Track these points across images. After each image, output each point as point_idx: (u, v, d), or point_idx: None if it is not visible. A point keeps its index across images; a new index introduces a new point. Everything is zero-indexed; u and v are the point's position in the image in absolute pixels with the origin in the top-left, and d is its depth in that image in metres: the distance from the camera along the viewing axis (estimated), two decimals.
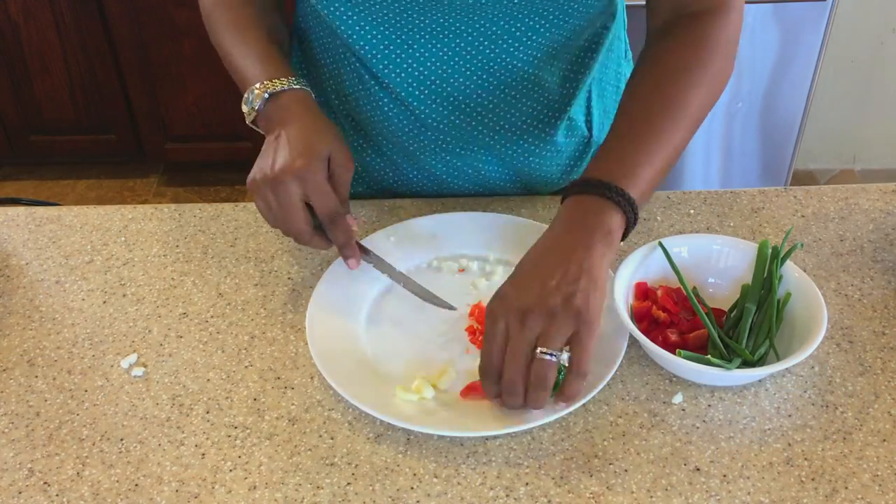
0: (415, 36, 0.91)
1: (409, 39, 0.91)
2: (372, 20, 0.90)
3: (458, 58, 0.92)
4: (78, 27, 2.51)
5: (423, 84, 0.94)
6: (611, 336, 0.81)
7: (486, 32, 0.90)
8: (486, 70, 0.93)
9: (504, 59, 0.92)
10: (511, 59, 0.92)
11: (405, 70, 0.93)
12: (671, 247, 0.87)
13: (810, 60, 2.09)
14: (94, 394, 0.80)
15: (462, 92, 0.95)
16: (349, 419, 0.77)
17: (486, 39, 0.90)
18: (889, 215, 1.01)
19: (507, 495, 0.70)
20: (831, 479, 0.71)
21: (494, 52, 0.92)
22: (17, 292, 0.93)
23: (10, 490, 0.72)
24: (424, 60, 0.92)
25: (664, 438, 0.75)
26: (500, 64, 0.93)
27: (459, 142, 1.00)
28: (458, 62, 0.92)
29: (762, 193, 1.04)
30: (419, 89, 0.95)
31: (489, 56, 0.92)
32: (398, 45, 0.92)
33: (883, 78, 2.58)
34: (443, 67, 0.93)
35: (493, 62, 0.92)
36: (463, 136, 0.99)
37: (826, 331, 0.77)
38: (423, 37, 0.90)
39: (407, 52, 0.92)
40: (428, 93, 0.95)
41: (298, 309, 0.88)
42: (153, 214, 1.03)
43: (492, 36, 0.90)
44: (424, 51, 0.91)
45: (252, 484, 0.72)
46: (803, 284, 0.82)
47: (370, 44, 0.92)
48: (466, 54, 0.92)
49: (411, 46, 0.91)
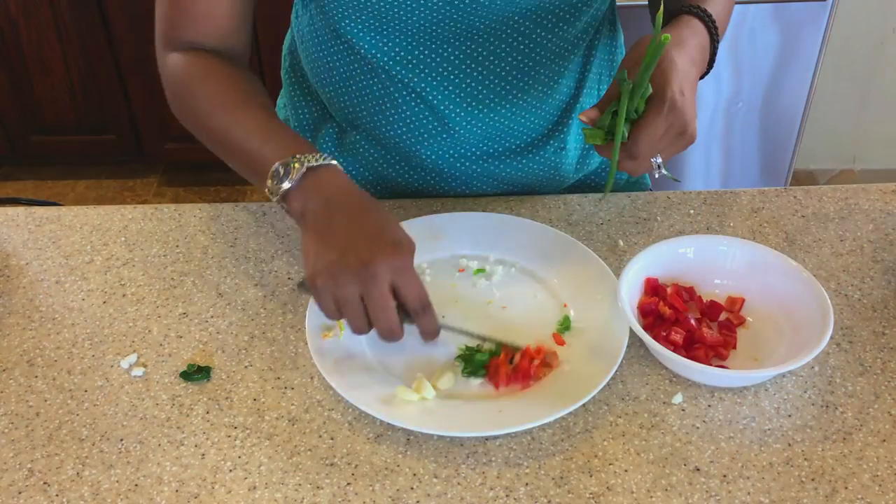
0: (448, 41, 0.92)
1: (442, 46, 0.93)
2: (398, 32, 0.92)
3: (492, 56, 0.93)
4: (78, 27, 2.51)
5: (453, 85, 0.95)
6: (612, 335, 0.81)
7: (518, 28, 0.92)
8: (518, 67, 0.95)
9: (537, 53, 0.94)
10: (542, 51, 0.94)
11: (440, 74, 0.94)
12: (677, 247, 0.87)
13: (810, 60, 2.10)
14: (94, 394, 0.80)
15: (491, 99, 0.96)
16: (349, 419, 0.77)
17: (519, 35, 0.93)
18: (889, 215, 1.01)
19: (507, 495, 0.70)
20: (831, 479, 0.71)
21: (528, 48, 0.93)
22: (17, 292, 0.93)
23: (10, 490, 0.72)
24: (458, 63, 0.94)
25: (664, 438, 0.75)
26: (532, 58, 0.95)
27: (483, 147, 1.00)
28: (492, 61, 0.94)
29: (762, 193, 1.04)
30: (450, 90, 0.95)
31: (522, 52, 0.94)
32: (431, 52, 0.93)
33: (883, 78, 2.58)
34: (476, 68, 0.94)
35: (526, 57, 0.94)
36: (487, 144, 1.00)
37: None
38: (458, 40, 0.92)
39: (442, 56, 0.93)
40: (459, 101, 0.96)
41: (298, 309, 0.88)
42: (153, 214, 1.03)
43: (524, 31, 0.92)
44: (458, 53, 0.93)
45: (252, 484, 0.72)
46: (810, 286, 0.82)
47: (403, 51, 0.93)
48: (500, 52, 0.93)
49: (445, 52, 0.93)
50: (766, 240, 0.97)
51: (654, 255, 0.87)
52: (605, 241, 0.97)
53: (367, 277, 0.72)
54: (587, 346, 0.82)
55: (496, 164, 1.02)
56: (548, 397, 0.77)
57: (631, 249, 0.95)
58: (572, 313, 0.86)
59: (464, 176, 1.03)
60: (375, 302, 0.73)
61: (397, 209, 1.02)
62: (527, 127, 0.99)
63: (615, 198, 1.03)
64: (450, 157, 1.01)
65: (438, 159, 1.01)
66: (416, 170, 1.04)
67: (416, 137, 0.99)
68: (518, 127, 0.99)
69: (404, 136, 0.99)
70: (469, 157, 1.01)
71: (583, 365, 0.80)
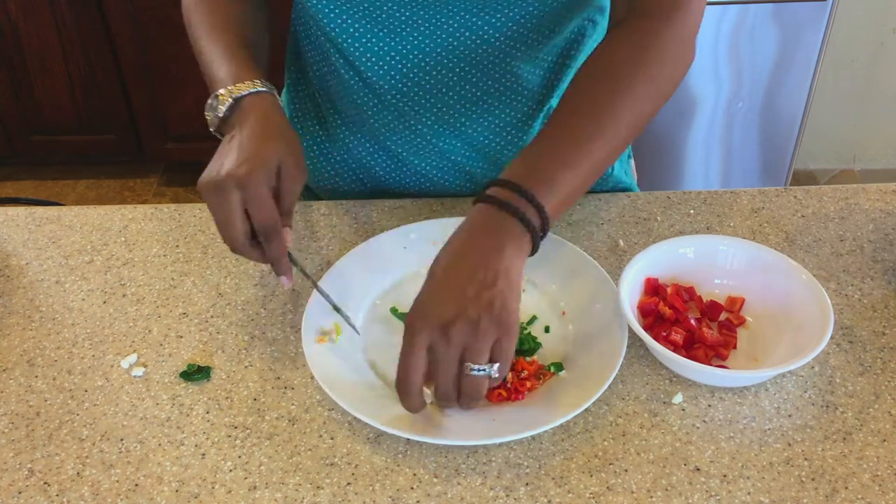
0: (396, 29, 0.91)
1: (391, 33, 0.91)
2: (353, 13, 0.90)
3: (440, 49, 0.92)
4: (78, 27, 2.51)
5: (405, 77, 0.94)
6: (611, 335, 0.81)
7: (466, 24, 0.90)
8: (467, 62, 0.93)
9: (484, 49, 0.92)
10: (490, 48, 0.92)
11: (388, 63, 0.93)
12: (677, 247, 0.87)
13: (810, 60, 2.10)
14: (94, 394, 0.80)
15: (444, 84, 0.95)
16: (349, 419, 0.77)
17: (473, 34, 0.91)
18: (889, 215, 1.01)
19: (507, 495, 0.70)
20: (831, 479, 0.71)
21: (475, 43, 0.91)
22: (17, 292, 0.93)
23: (10, 490, 0.72)
24: (407, 53, 0.92)
25: (664, 438, 0.75)
26: (479, 55, 0.92)
27: (443, 136, 0.99)
28: (439, 53, 0.92)
29: (762, 193, 1.04)
30: (402, 82, 0.94)
31: (469, 47, 0.92)
32: (380, 38, 0.91)
33: (883, 78, 2.58)
34: (425, 60, 0.93)
35: (474, 52, 0.92)
36: (446, 131, 0.99)
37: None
38: (405, 30, 0.91)
39: (389, 45, 0.92)
40: (410, 84, 0.95)
41: (298, 309, 0.88)
42: (153, 214, 1.03)
43: (471, 27, 0.90)
44: (406, 43, 0.91)
45: (252, 484, 0.72)
46: (811, 286, 0.82)
47: (352, 37, 0.92)
48: (448, 45, 0.92)
49: (393, 39, 0.91)
50: (766, 240, 0.97)
51: (654, 255, 0.87)
52: (605, 241, 0.97)
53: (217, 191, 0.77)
54: (587, 346, 0.82)
55: (462, 153, 1.01)
56: (548, 402, 0.76)
57: (631, 249, 0.95)
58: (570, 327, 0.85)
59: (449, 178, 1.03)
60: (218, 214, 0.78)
61: (398, 209, 1.02)
62: (489, 112, 0.98)
63: (615, 198, 1.03)
64: (431, 161, 1.01)
65: (421, 161, 1.01)
66: (394, 161, 1.04)
67: (376, 129, 1.00)
68: (479, 128, 0.99)
69: (384, 137, 1.00)
70: (448, 164, 1.01)
71: (583, 366, 0.80)
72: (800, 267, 0.84)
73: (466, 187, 1.06)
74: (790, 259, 0.85)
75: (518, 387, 0.78)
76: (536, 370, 0.80)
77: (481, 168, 1.03)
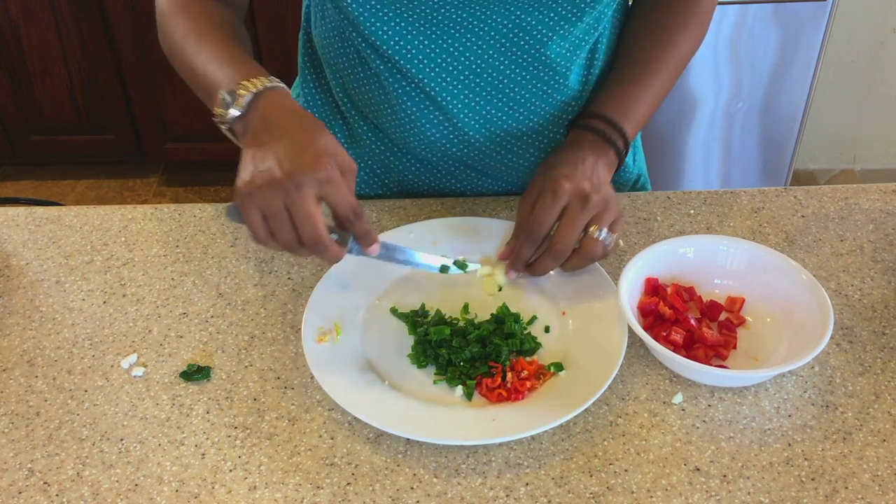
0: (449, 31, 0.90)
1: (444, 34, 0.90)
2: (405, 17, 0.89)
3: (492, 51, 0.92)
4: (78, 27, 2.51)
5: (456, 80, 0.94)
6: (611, 335, 0.81)
7: (520, 24, 0.90)
8: (520, 64, 0.93)
9: (538, 50, 0.92)
10: (545, 49, 0.92)
11: (439, 66, 0.92)
12: (677, 247, 0.87)
13: (810, 60, 2.10)
14: (94, 394, 0.80)
15: (495, 86, 0.95)
16: (349, 419, 0.77)
17: (521, 31, 0.90)
18: (889, 215, 1.01)
19: (507, 495, 0.70)
20: (831, 479, 0.71)
21: (528, 44, 0.91)
22: (17, 292, 0.93)
23: (10, 490, 0.72)
24: (459, 55, 0.92)
25: (664, 438, 0.75)
26: (533, 56, 0.93)
27: (488, 142, 0.99)
28: (492, 55, 0.92)
29: (762, 193, 1.04)
30: (452, 84, 0.94)
31: (523, 48, 0.92)
32: (432, 41, 0.91)
33: (883, 78, 2.58)
34: (476, 62, 0.92)
35: (527, 53, 0.92)
36: (492, 137, 0.99)
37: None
38: (458, 31, 0.90)
39: (441, 47, 0.91)
40: (461, 87, 0.94)
41: (298, 309, 0.88)
42: (153, 214, 1.03)
43: (526, 27, 0.90)
44: (458, 45, 0.91)
45: (252, 484, 0.72)
46: (811, 286, 0.82)
47: (405, 39, 0.91)
48: (501, 46, 0.91)
49: (445, 42, 0.91)
50: (766, 240, 0.97)
51: (654, 255, 0.87)
52: None
53: (291, 188, 0.72)
54: (587, 347, 0.82)
55: (498, 159, 1.01)
56: (548, 402, 0.76)
57: (631, 249, 0.95)
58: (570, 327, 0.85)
59: (467, 170, 1.03)
60: (300, 211, 0.73)
61: (398, 209, 1.02)
62: (527, 126, 0.99)
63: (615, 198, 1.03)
64: (453, 150, 1.01)
65: (440, 152, 1.01)
66: (423, 164, 1.04)
67: (416, 130, 0.99)
68: (518, 125, 0.99)
69: (406, 128, 0.99)
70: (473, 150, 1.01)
71: (583, 366, 0.80)
72: (800, 267, 0.84)
73: (493, 186, 1.05)
74: (790, 259, 0.85)
75: (518, 387, 0.78)
76: (536, 370, 0.80)
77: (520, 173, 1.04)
